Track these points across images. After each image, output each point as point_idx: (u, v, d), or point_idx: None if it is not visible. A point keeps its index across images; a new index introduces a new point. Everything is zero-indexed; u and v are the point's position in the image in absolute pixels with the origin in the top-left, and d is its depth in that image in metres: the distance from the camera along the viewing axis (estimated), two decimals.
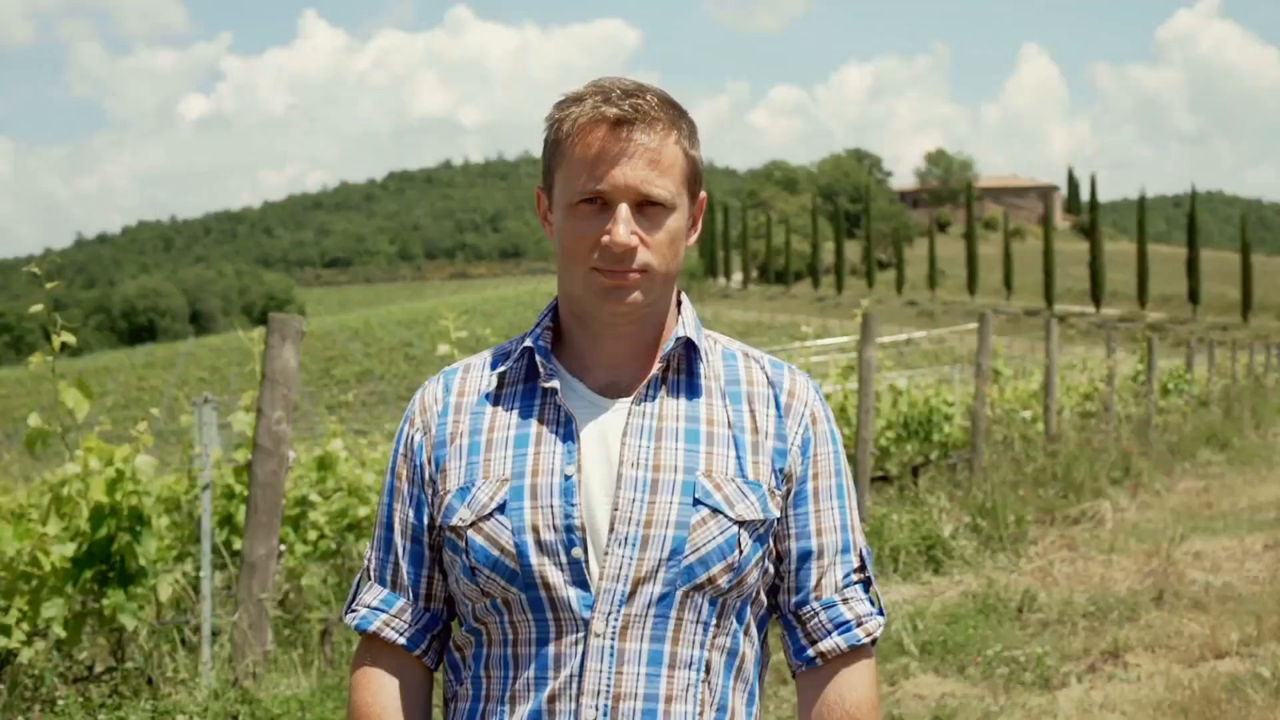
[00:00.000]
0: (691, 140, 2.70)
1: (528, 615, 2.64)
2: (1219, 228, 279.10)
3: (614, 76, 2.70)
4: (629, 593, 2.60)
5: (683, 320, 2.80)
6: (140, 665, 7.76)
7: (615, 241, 2.60)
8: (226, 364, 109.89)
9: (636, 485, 2.64)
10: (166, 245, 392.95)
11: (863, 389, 13.97)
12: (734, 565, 2.65)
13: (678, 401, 2.75)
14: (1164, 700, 8.71)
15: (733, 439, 2.73)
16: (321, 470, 10.54)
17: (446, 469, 2.77)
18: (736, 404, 2.78)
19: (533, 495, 2.65)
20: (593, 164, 2.61)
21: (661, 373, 2.76)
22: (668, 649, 2.62)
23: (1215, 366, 35.27)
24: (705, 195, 2.79)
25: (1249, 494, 18.80)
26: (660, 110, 2.64)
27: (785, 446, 2.77)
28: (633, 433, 2.69)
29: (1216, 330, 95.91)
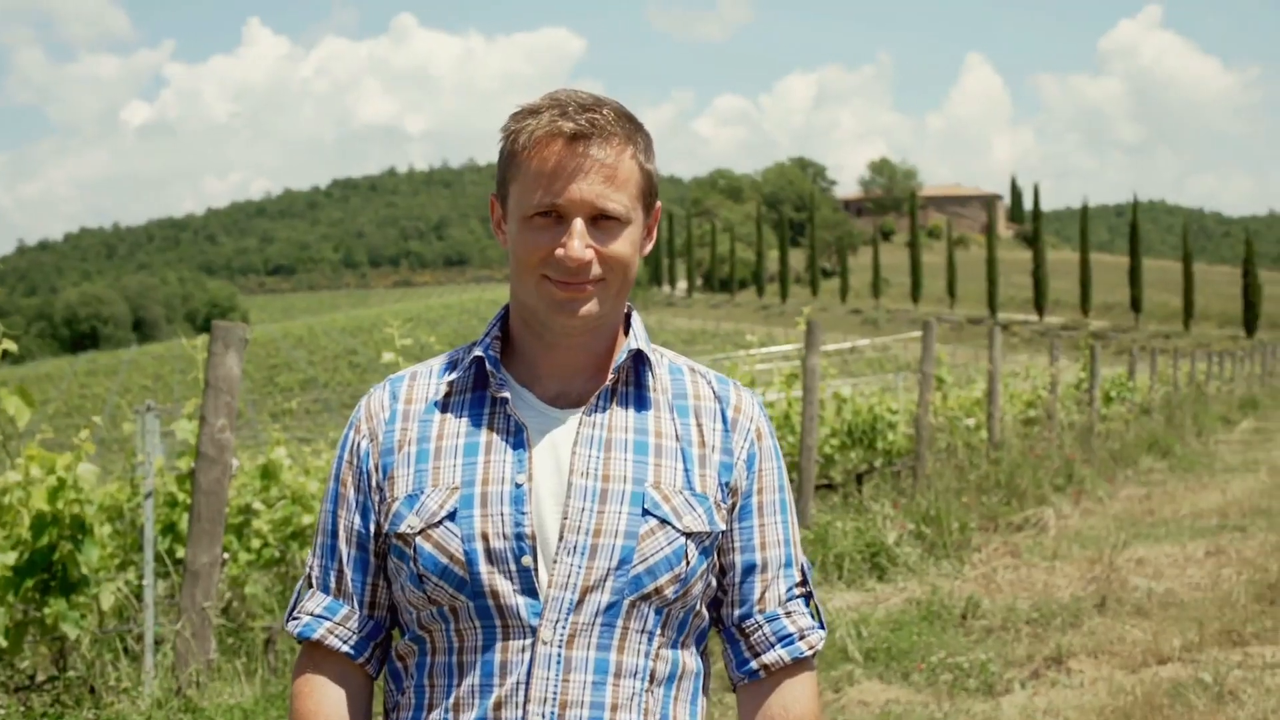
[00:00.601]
0: (647, 154, 2.71)
1: (474, 623, 2.64)
2: (1161, 237, 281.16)
3: (570, 89, 2.71)
4: (577, 601, 2.61)
5: (633, 333, 2.82)
6: (83, 674, 7.72)
7: (570, 256, 2.60)
8: (170, 371, 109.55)
9: (586, 495, 2.65)
10: (109, 252, 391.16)
11: (807, 397, 14.00)
12: (680, 576, 2.67)
13: (627, 413, 2.76)
14: (1107, 706, 8.75)
15: (680, 451, 2.75)
16: (265, 478, 10.51)
17: (394, 476, 2.75)
18: (684, 417, 2.79)
19: (483, 503, 2.65)
20: (549, 178, 2.61)
21: (612, 385, 2.77)
22: (613, 658, 2.63)
23: (1157, 374, 35.46)
24: (660, 206, 2.80)
25: (1191, 501, 18.90)
26: (617, 125, 2.64)
27: (731, 461, 2.79)
28: (583, 443, 2.69)
29: (1159, 338, 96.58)
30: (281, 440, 11.13)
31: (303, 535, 10.54)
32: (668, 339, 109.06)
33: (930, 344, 17.80)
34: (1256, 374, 59.36)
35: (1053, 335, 41.52)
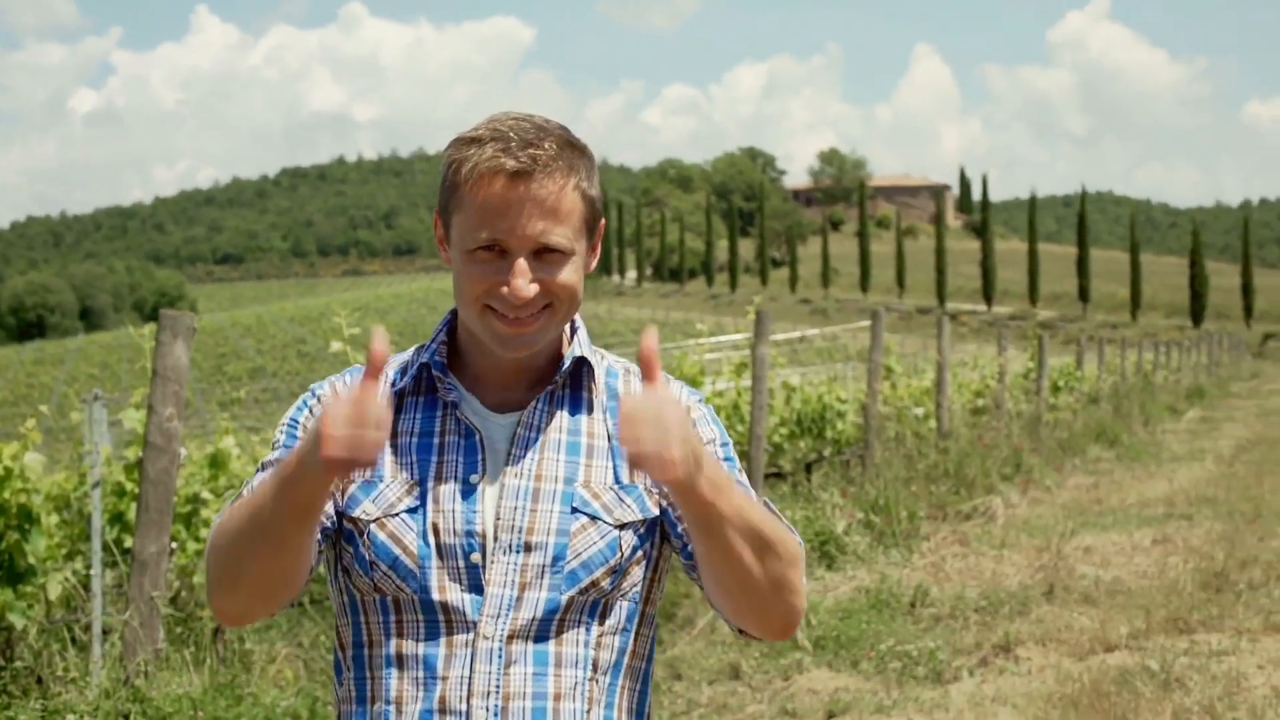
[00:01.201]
0: (590, 179, 2.72)
1: (418, 616, 2.68)
2: (1109, 227, 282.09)
3: (514, 117, 2.71)
4: (516, 597, 2.66)
5: (578, 340, 2.86)
6: (29, 664, 7.68)
7: (514, 295, 2.62)
8: (117, 361, 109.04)
9: (519, 494, 2.71)
10: (56, 241, 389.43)
11: (756, 386, 14.00)
12: (615, 567, 2.72)
13: (562, 416, 2.81)
14: (1054, 693, 8.79)
15: (610, 450, 2.80)
16: (214, 467, 10.45)
17: None
18: (616, 417, 2.83)
19: (436, 500, 2.70)
20: (492, 215, 2.62)
21: (551, 390, 2.82)
22: (553, 649, 2.68)
23: (1105, 364, 35.61)
24: (604, 223, 2.81)
25: (1138, 490, 19.01)
26: (558, 158, 2.65)
27: None
28: (518, 444, 2.75)
29: (1106, 328, 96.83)
30: (230, 429, 11.08)
31: None
32: (617, 328, 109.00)
33: (879, 333, 17.83)
34: (1203, 364, 59.72)
35: (1001, 325, 41.72)
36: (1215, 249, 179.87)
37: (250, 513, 2.53)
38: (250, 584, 2.61)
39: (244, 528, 2.55)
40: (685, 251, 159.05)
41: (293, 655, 8.89)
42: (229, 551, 2.59)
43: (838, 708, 8.72)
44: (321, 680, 8.39)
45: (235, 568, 2.60)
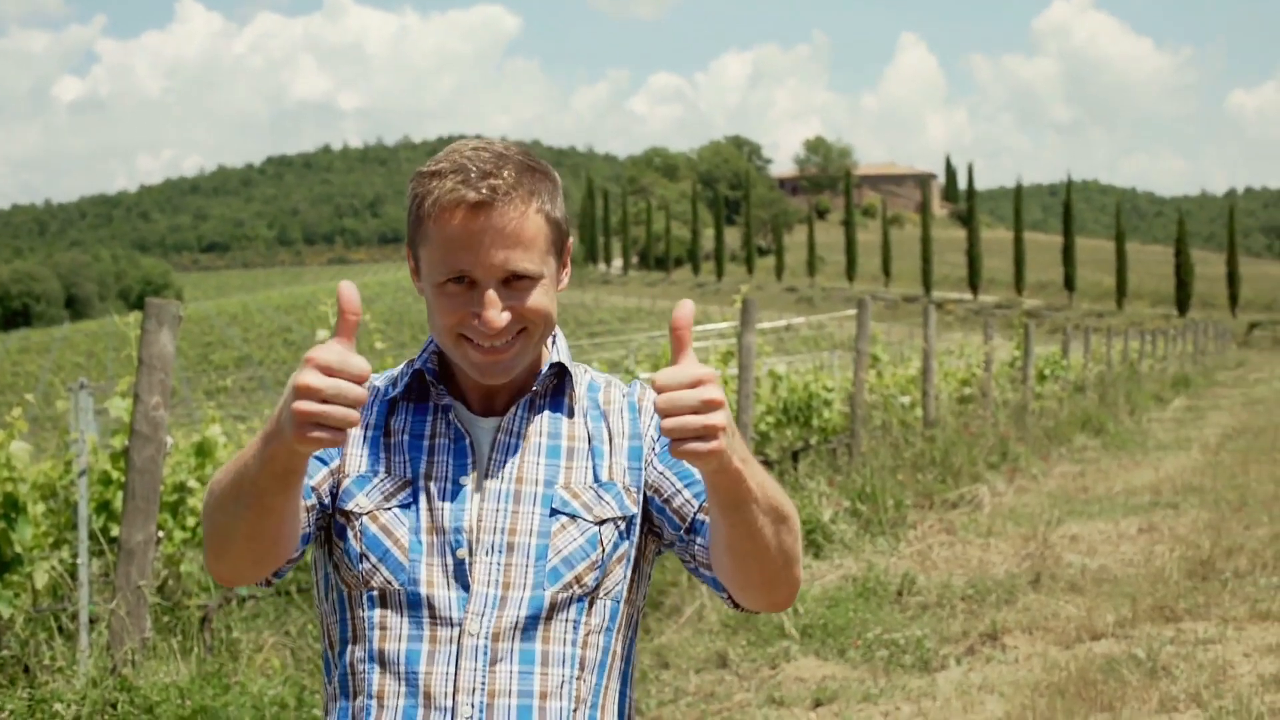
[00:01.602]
0: (553, 201, 2.75)
1: (404, 612, 2.71)
2: (1094, 216, 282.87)
3: (474, 146, 2.73)
4: (500, 596, 2.70)
5: (556, 348, 2.91)
6: (16, 653, 7.67)
7: (486, 325, 2.66)
8: (103, 349, 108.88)
9: (500, 497, 2.76)
10: (41, 229, 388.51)
11: (742, 374, 14.00)
12: (597, 563, 2.76)
13: (542, 421, 2.86)
14: (1041, 681, 8.81)
15: (590, 451, 2.85)
16: (200, 456, 10.44)
17: (346, 452, 2.82)
18: (597, 422, 2.90)
19: (428, 497, 2.75)
20: (456, 247, 2.65)
21: (531, 396, 2.85)
22: (539, 648, 2.71)
23: (1090, 353, 35.62)
24: (571, 241, 2.85)
25: (1124, 478, 19.03)
26: (518, 185, 2.66)
27: (640, 443, 2.89)
28: (499, 449, 2.81)
29: (1092, 317, 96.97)
30: (216, 418, 11.07)
31: None
32: (603, 317, 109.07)
33: (865, 322, 17.84)
34: (1189, 352, 59.76)
35: (987, 314, 41.75)
36: (1200, 238, 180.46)
37: (235, 475, 2.53)
38: (237, 548, 2.61)
39: (229, 490, 2.54)
40: (671, 240, 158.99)
41: (280, 644, 8.88)
42: (216, 514, 2.59)
43: (825, 696, 8.72)
44: (309, 669, 8.39)
45: (222, 531, 2.60)
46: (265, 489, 2.46)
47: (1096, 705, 8.25)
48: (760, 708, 8.57)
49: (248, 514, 2.53)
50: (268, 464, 2.41)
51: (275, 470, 2.42)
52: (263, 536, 2.57)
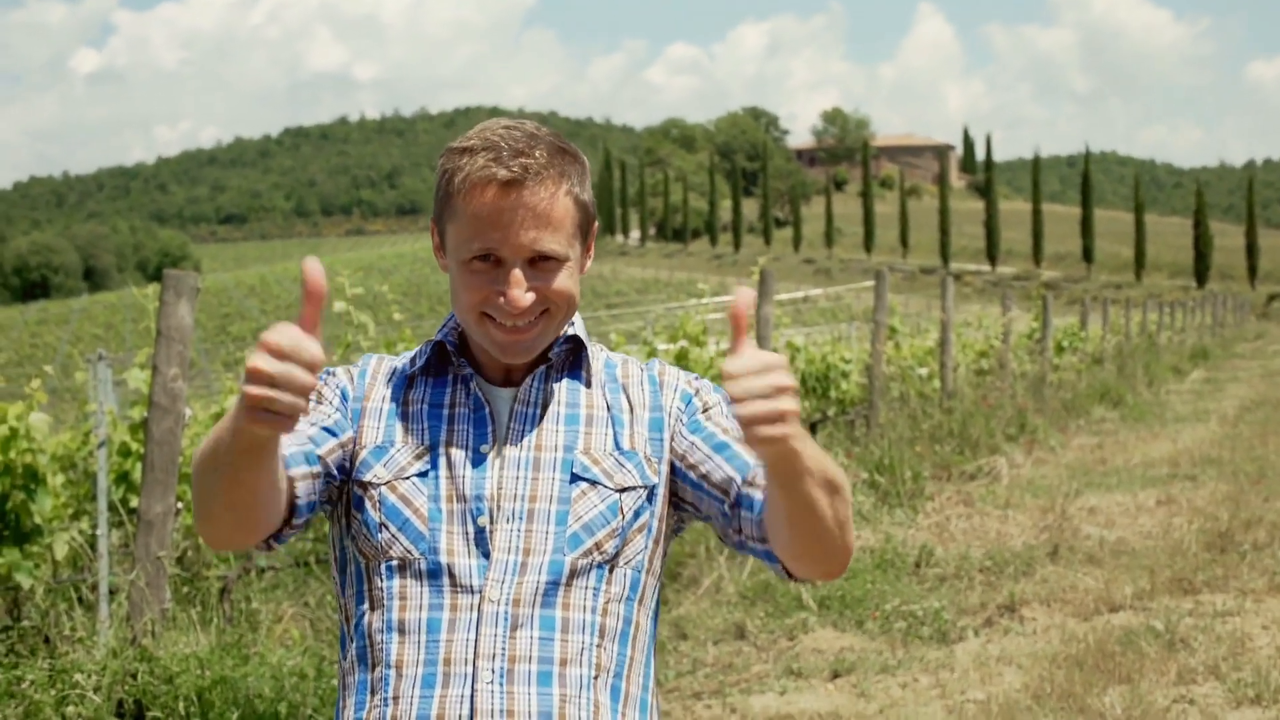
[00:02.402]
0: (582, 184, 2.76)
1: (424, 581, 2.71)
2: (1113, 188, 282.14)
3: (506, 125, 2.75)
4: (520, 563, 2.69)
5: (571, 323, 2.92)
6: (37, 624, 7.69)
7: (511, 305, 2.67)
8: (121, 321, 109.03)
9: (519, 464, 2.77)
10: (59, 201, 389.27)
11: (760, 346, 13.97)
12: (617, 530, 2.76)
13: (560, 390, 2.87)
14: (1059, 653, 8.80)
15: (610, 419, 2.86)
16: None
17: (362, 425, 2.83)
18: (615, 394, 2.91)
19: (449, 466, 2.76)
20: (485, 225, 2.66)
21: (547, 367, 2.86)
22: (559, 614, 2.70)
23: (1109, 324, 35.54)
24: (596, 225, 2.87)
25: (1142, 450, 19.01)
26: (550, 165, 2.68)
27: (661, 415, 2.89)
28: (517, 418, 2.82)
29: (1110, 289, 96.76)
30: (234, 389, 11.08)
31: None
32: (621, 288, 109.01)
33: (883, 293, 17.82)
34: (1207, 324, 59.66)
35: (1005, 285, 41.56)
36: (1219, 209, 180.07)
37: (212, 445, 2.51)
38: (217, 514, 2.59)
39: (207, 459, 2.53)
40: (689, 211, 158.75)
41: (299, 615, 8.90)
42: (198, 481, 2.58)
43: (843, 667, 8.73)
44: (328, 640, 8.40)
45: (203, 497, 2.59)
46: (236, 463, 2.44)
47: (1115, 677, 8.25)
48: (778, 679, 8.58)
49: (222, 483, 2.51)
50: (236, 438, 2.39)
51: (242, 445, 2.39)
52: (239, 506, 2.55)
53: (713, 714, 8.03)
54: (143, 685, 6.89)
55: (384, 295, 10.64)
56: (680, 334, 14.34)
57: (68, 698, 6.68)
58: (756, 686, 8.47)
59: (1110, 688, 8.06)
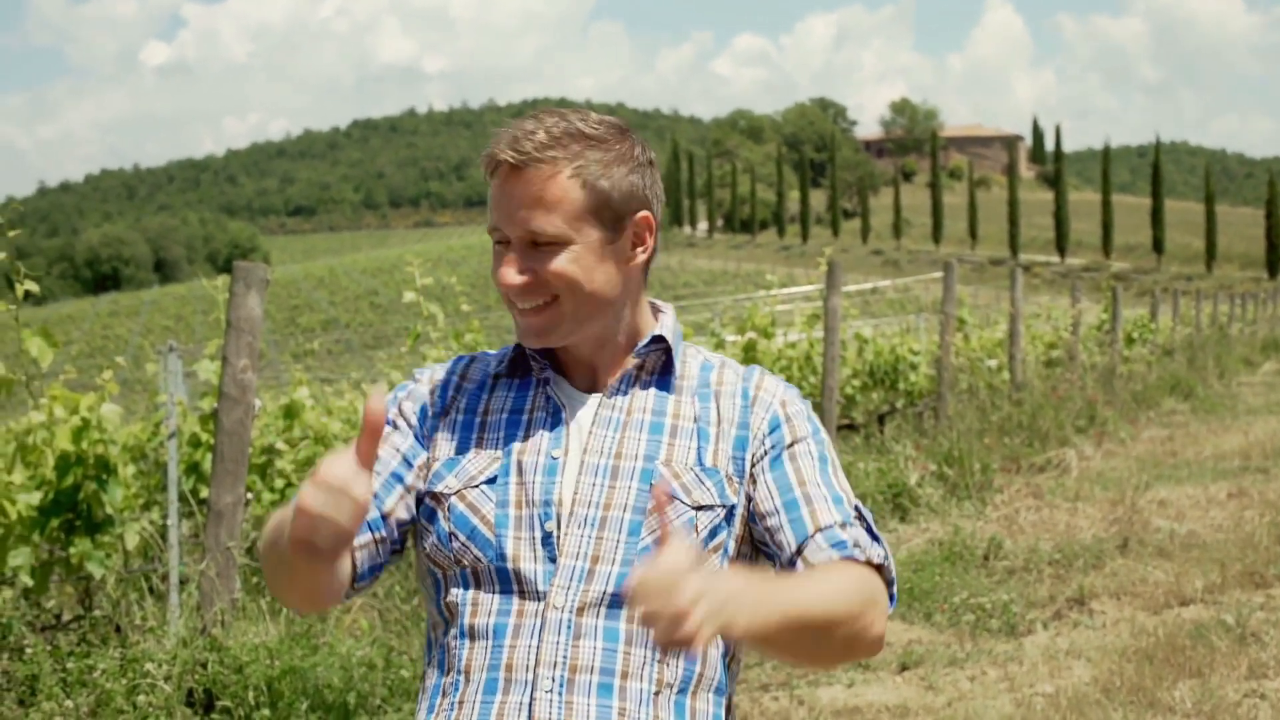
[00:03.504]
0: (606, 168, 2.72)
1: (494, 588, 2.72)
2: (1183, 178, 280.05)
3: (546, 110, 2.77)
4: (588, 570, 2.68)
5: (661, 323, 2.91)
6: (108, 613, 7.75)
7: (499, 281, 2.73)
8: (191, 312, 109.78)
9: (597, 471, 2.74)
10: (130, 193, 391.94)
11: (828, 338, 13.97)
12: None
13: (647, 396, 2.84)
14: (1129, 647, 8.75)
15: (696, 431, 2.81)
16: (288, 418, 10.51)
17: (437, 439, 2.85)
18: (705, 402, 2.86)
19: (519, 472, 2.76)
20: (492, 205, 2.74)
21: (635, 370, 2.85)
22: (623, 626, 2.67)
23: (1179, 316, 35.35)
24: (643, 215, 2.80)
25: (1213, 442, 18.87)
26: (549, 147, 2.68)
27: (747, 434, 2.83)
28: (600, 424, 2.80)
29: (1180, 280, 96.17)
30: (304, 380, 11.14)
31: None
32: (688, 280, 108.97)
33: (951, 285, 17.76)
34: (1279, 316, 59.19)
35: (1074, 276, 41.28)
36: None
37: (274, 531, 2.65)
38: (284, 592, 2.71)
39: (269, 546, 2.67)
40: (756, 203, 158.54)
41: (368, 605, 8.93)
42: (263, 557, 2.72)
43: (911, 660, 8.71)
44: (396, 630, 8.43)
45: (269, 573, 2.73)
46: (293, 561, 2.53)
47: (1185, 671, 8.20)
48: (846, 671, 8.55)
49: (282, 572, 2.63)
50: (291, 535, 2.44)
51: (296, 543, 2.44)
52: (299, 588, 2.66)
53: (780, 706, 8.02)
54: (213, 675, 6.93)
55: (452, 286, 10.67)
56: (748, 325, 14.34)
57: (138, 687, 6.72)
58: (824, 679, 8.45)
59: (1180, 682, 8.01)
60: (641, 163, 2.79)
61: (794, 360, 15.26)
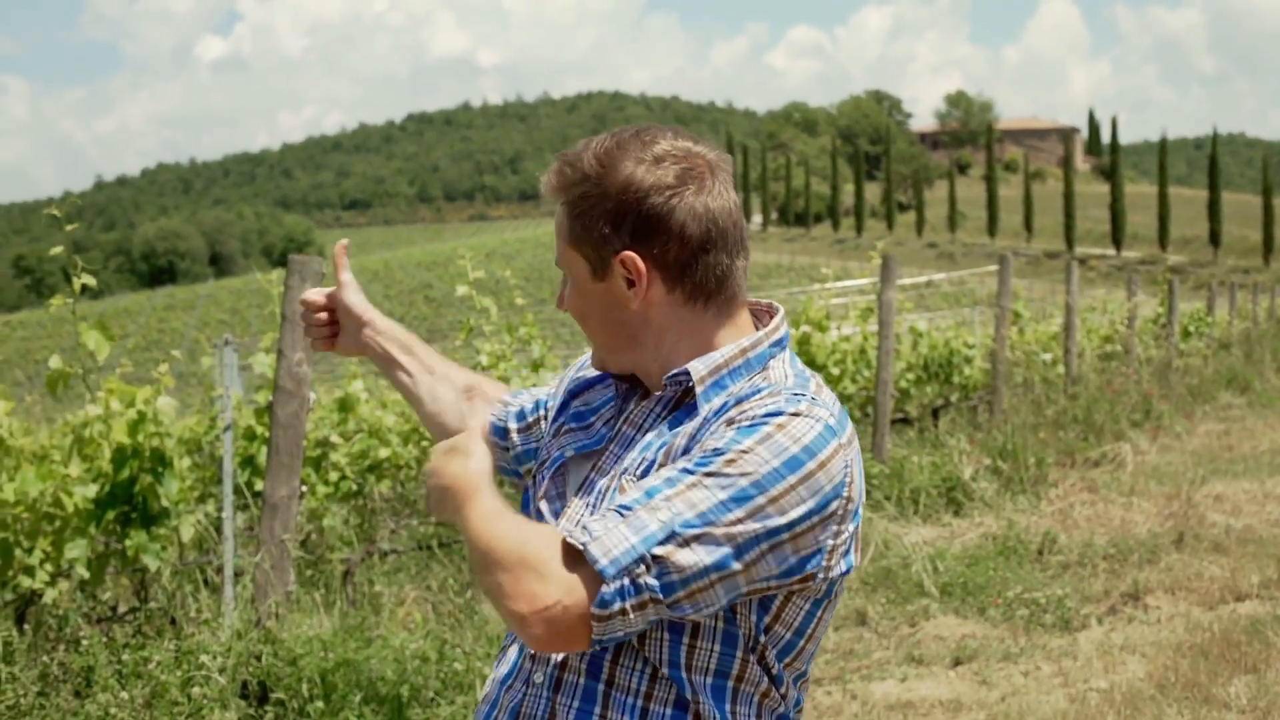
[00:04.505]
0: (595, 198, 2.66)
1: None
2: (1240, 170, 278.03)
3: (588, 141, 2.73)
4: None
5: (705, 358, 2.70)
6: (163, 605, 7.79)
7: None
8: (246, 306, 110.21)
9: (599, 492, 2.72)
10: (185, 187, 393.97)
11: (882, 331, 13.95)
12: None
13: (665, 422, 2.73)
14: (1184, 642, 8.72)
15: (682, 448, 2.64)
16: (342, 411, 10.55)
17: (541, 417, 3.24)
18: (700, 431, 2.63)
19: (563, 472, 2.89)
20: None
21: (661, 396, 2.76)
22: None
23: (1236, 309, 35.11)
24: (628, 255, 2.66)
25: (1270, 437, 18.76)
26: (556, 176, 2.70)
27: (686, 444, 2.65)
28: (620, 441, 2.79)
29: (1237, 273, 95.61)
30: (358, 374, 11.18)
31: (379, 468, 10.59)
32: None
33: (1007, 278, 17.70)
34: None
35: (1130, 270, 41.09)
36: None
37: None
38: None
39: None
40: (810, 195, 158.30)
41: (421, 598, 8.96)
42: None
43: (964, 654, 8.69)
44: (449, 623, 8.45)
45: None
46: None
47: (1240, 667, 8.16)
48: (899, 665, 8.55)
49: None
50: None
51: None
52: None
53: (833, 700, 8.02)
54: (267, 667, 6.97)
55: (506, 280, 10.68)
56: (803, 319, 14.31)
57: (193, 679, 6.76)
58: (877, 673, 8.45)
59: (1235, 677, 7.97)
60: (631, 199, 2.64)
61: (848, 354, 15.23)
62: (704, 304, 2.70)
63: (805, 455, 2.48)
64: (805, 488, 2.48)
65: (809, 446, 2.49)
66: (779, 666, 2.65)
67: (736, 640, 2.59)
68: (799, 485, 2.47)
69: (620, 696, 2.57)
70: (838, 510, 2.55)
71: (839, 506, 2.56)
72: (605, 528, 2.43)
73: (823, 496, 2.51)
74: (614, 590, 2.40)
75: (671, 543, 2.40)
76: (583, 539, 2.42)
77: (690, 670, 2.58)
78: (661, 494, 2.45)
